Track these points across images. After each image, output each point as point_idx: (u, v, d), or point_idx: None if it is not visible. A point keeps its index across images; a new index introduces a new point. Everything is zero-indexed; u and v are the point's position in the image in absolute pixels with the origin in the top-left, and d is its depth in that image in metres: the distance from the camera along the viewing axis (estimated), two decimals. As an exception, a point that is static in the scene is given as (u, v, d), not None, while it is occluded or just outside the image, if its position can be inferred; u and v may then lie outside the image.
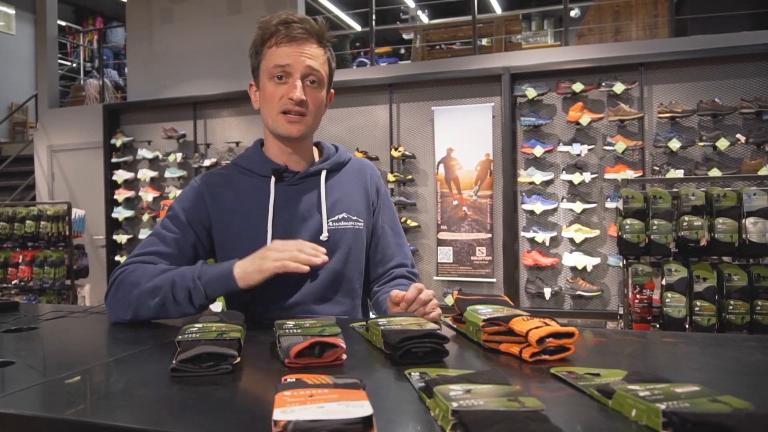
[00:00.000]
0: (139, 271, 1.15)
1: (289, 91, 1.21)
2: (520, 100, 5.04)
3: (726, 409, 0.52)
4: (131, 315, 1.12)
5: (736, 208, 2.85)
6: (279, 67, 1.21)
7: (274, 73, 1.22)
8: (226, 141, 5.92)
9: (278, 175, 1.29)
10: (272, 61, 1.22)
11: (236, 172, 1.32)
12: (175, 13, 6.42)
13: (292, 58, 1.20)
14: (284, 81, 1.22)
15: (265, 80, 1.24)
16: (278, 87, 1.22)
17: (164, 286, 1.10)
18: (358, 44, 10.10)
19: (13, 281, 5.08)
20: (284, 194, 1.28)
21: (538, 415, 0.53)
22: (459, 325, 1.00)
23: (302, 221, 1.27)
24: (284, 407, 0.53)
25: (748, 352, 0.89)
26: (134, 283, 1.13)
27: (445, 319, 1.08)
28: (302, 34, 1.21)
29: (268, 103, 1.25)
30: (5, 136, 9.74)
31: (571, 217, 4.85)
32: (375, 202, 1.39)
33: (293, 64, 1.20)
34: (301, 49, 1.21)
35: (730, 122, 4.51)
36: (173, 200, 1.32)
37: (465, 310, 0.95)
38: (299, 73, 1.21)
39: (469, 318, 0.93)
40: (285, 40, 1.21)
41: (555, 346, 0.81)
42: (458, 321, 1.01)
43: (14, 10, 10.07)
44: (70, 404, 0.68)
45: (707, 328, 2.85)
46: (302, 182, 1.30)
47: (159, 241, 1.24)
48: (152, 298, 1.11)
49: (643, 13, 5.32)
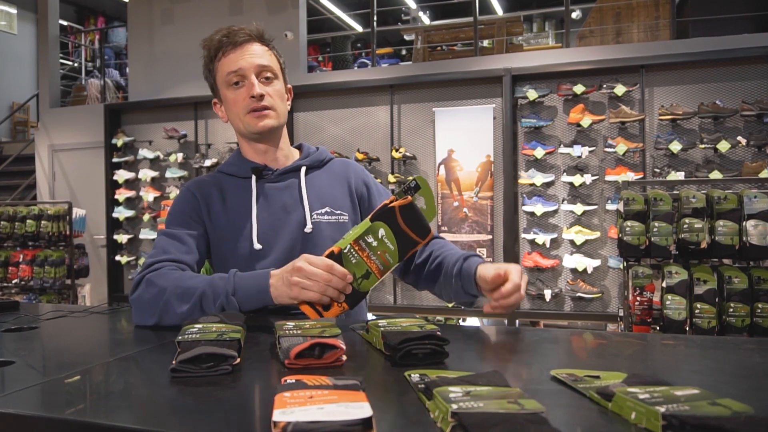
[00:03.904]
0: (167, 276, 1.15)
1: (248, 91, 1.28)
2: (521, 102, 5.04)
3: (726, 413, 0.52)
4: (156, 320, 1.12)
5: (736, 211, 2.85)
6: (233, 73, 1.28)
7: (230, 80, 1.29)
8: (227, 141, 5.92)
9: (258, 173, 1.33)
10: (225, 70, 1.29)
11: (220, 177, 1.37)
12: (176, 13, 6.42)
13: (242, 61, 1.28)
14: (241, 85, 1.29)
15: (224, 90, 1.32)
16: (238, 91, 1.29)
17: (194, 296, 1.10)
18: (359, 45, 10.11)
19: (13, 280, 5.08)
20: (266, 190, 1.33)
21: (538, 417, 0.53)
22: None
23: (286, 215, 1.31)
24: (284, 408, 0.53)
25: (748, 355, 0.89)
26: (162, 288, 1.12)
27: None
28: (244, 38, 1.29)
29: (233, 109, 1.31)
30: (6, 136, 9.75)
31: (572, 219, 4.85)
32: (365, 195, 1.41)
33: (244, 66, 1.28)
34: (246, 50, 1.29)
35: (731, 125, 4.51)
36: (170, 208, 1.35)
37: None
38: (252, 72, 1.28)
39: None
40: (230, 48, 1.29)
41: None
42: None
43: (16, 9, 10.08)
44: (69, 404, 0.68)
45: (707, 331, 2.85)
46: (282, 178, 1.35)
47: (173, 239, 1.25)
48: (180, 306, 1.10)
49: (645, 15, 5.32)
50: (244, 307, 1.09)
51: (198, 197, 1.32)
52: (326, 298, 1.01)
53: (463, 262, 1.21)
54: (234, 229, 1.29)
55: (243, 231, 1.28)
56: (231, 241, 1.29)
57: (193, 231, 1.28)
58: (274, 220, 1.30)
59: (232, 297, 1.09)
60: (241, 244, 1.28)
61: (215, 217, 1.31)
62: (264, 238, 1.28)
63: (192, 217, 1.30)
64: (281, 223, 1.30)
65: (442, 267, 1.27)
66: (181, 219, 1.30)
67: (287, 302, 1.06)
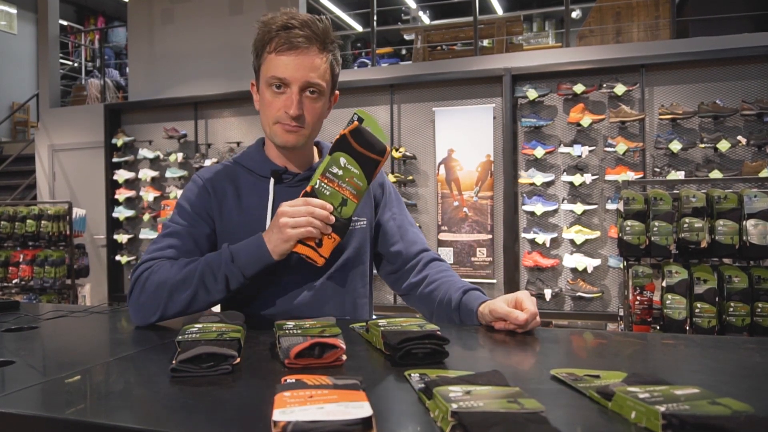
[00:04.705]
0: (162, 270, 1.14)
1: (285, 104, 1.19)
2: (521, 102, 5.04)
3: (726, 412, 0.52)
4: (159, 315, 1.12)
5: (736, 210, 2.85)
6: (277, 79, 1.18)
7: (272, 82, 1.19)
8: (227, 141, 5.92)
9: (277, 177, 1.28)
10: (270, 71, 1.19)
11: (237, 169, 1.32)
12: (176, 13, 6.42)
13: (290, 71, 1.17)
14: (282, 91, 1.19)
15: (263, 87, 1.23)
16: (276, 97, 1.20)
17: (193, 277, 1.11)
18: (359, 45, 10.12)
19: (13, 280, 5.08)
20: (283, 196, 1.26)
21: (538, 416, 0.53)
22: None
23: None
24: (284, 408, 0.53)
25: (748, 354, 0.89)
26: (159, 283, 1.12)
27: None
28: (303, 42, 1.16)
29: (265, 111, 1.24)
30: (6, 136, 9.75)
31: (572, 219, 4.85)
32: (380, 198, 1.38)
33: (291, 78, 1.17)
34: (300, 59, 1.17)
35: (731, 124, 4.51)
36: (179, 197, 1.31)
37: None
38: (297, 86, 1.18)
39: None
40: (285, 48, 1.16)
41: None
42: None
43: (16, 9, 10.08)
44: (70, 404, 0.68)
45: (707, 330, 2.85)
46: (301, 184, 1.29)
47: (173, 236, 1.23)
48: (182, 292, 1.11)
49: (645, 15, 5.32)
50: (247, 271, 1.11)
51: (210, 192, 1.27)
52: (315, 231, 1.08)
53: (463, 296, 1.19)
54: (246, 231, 1.23)
55: (255, 233, 1.22)
56: (241, 239, 1.23)
57: (198, 229, 1.24)
58: None
59: (233, 264, 1.10)
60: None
61: (227, 214, 1.26)
62: None
63: (200, 214, 1.26)
64: None
65: (437, 296, 1.25)
66: (189, 214, 1.25)
67: (283, 249, 1.09)
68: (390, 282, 1.39)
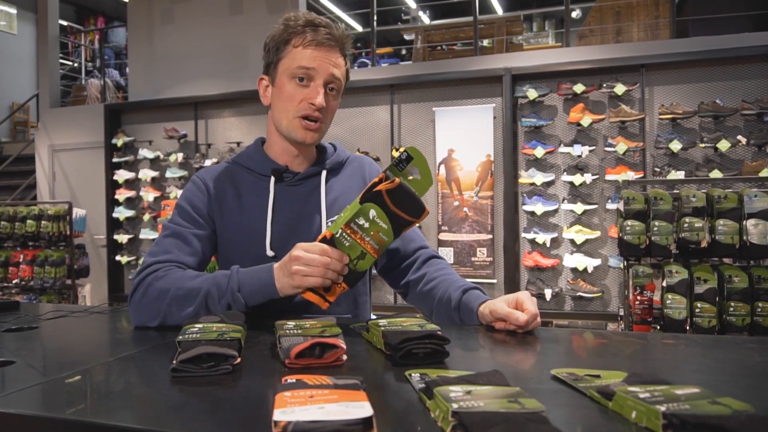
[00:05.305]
0: (167, 277, 1.13)
1: (311, 95, 1.20)
2: (521, 101, 5.04)
3: (726, 412, 0.52)
4: (158, 322, 1.11)
5: (737, 210, 2.85)
6: (303, 69, 1.19)
7: (296, 73, 1.20)
8: (227, 141, 5.92)
9: (278, 176, 1.28)
10: (297, 62, 1.20)
11: (236, 169, 1.31)
12: (176, 13, 6.42)
13: (318, 63, 1.19)
14: (306, 84, 1.21)
15: (284, 79, 1.22)
16: (299, 89, 1.21)
17: (197, 296, 1.09)
18: (359, 45, 10.11)
19: (13, 280, 5.08)
20: (284, 195, 1.27)
21: (538, 416, 0.53)
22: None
23: (302, 222, 1.26)
24: (284, 408, 0.53)
25: (749, 354, 0.89)
26: (163, 290, 1.11)
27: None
28: (329, 41, 1.20)
29: (285, 104, 1.23)
30: (6, 136, 9.75)
31: (572, 219, 4.85)
32: None
33: (318, 69, 1.20)
34: (327, 55, 1.21)
35: (731, 124, 4.51)
36: (178, 198, 1.30)
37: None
38: (323, 78, 1.20)
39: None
40: (312, 44, 1.20)
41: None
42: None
43: (16, 9, 10.08)
44: (70, 404, 0.68)
45: (708, 330, 2.85)
46: (302, 183, 1.30)
47: (174, 237, 1.22)
48: (184, 307, 1.09)
49: (645, 15, 5.32)
50: (251, 302, 1.09)
51: (211, 193, 1.27)
52: (327, 282, 1.02)
53: (463, 295, 1.18)
54: (246, 232, 1.24)
55: (256, 235, 1.23)
56: (242, 244, 1.24)
57: (199, 231, 1.24)
58: (290, 226, 1.25)
59: (238, 294, 1.08)
60: (253, 249, 1.23)
61: (228, 215, 1.26)
62: (277, 244, 1.23)
63: (201, 214, 1.25)
64: (296, 231, 1.24)
65: (437, 294, 1.24)
66: (189, 215, 1.25)
67: (291, 292, 1.06)
68: (388, 279, 1.38)
